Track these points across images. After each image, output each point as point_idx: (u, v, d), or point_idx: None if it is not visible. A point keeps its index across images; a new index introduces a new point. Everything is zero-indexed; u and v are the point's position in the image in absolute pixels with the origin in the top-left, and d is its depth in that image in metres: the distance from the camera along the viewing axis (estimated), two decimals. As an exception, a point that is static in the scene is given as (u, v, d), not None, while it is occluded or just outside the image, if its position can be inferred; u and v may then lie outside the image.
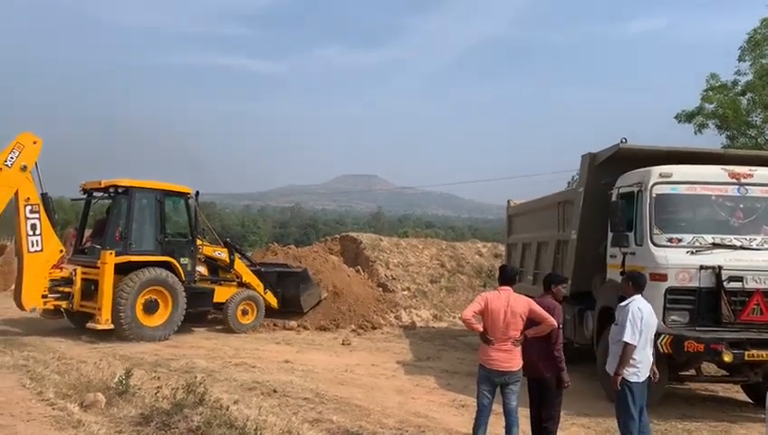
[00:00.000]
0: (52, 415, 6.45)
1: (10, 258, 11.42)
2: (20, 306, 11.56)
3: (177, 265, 12.71)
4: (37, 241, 11.44)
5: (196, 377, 7.64)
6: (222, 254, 14.40)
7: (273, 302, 15.25)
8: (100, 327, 11.48)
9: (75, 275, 11.93)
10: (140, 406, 6.65)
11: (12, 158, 11.20)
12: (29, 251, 11.35)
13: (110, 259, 11.66)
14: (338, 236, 22.73)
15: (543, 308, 5.82)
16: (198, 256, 13.71)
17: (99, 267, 11.75)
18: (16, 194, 11.32)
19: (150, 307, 12.12)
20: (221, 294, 14.06)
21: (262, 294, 14.87)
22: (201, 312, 14.27)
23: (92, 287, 11.87)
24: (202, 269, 14.05)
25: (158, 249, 12.61)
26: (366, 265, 19.56)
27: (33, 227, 11.40)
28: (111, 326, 11.56)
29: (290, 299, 15.35)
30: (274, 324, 14.88)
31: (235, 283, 14.52)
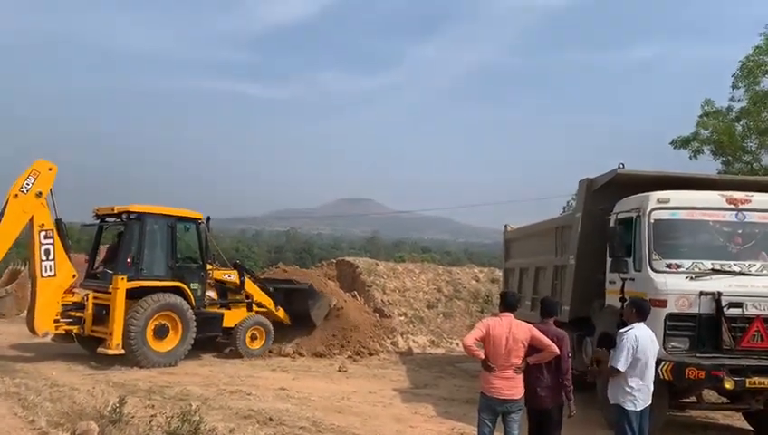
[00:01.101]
0: (43, 444, 6.33)
1: (24, 282, 11.46)
2: (32, 331, 11.63)
3: (188, 291, 12.78)
4: (50, 266, 11.52)
5: (190, 405, 7.54)
6: (232, 276, 14.47)
7: (286, 319, 15.40)
8: (110, 352, 11.49)
9: (87, 299, 12.03)
10: (134, 435, 6.53)
11: (28, 184, 11.31)
12: (42, 276, 11.43)
13: (121, 284, 11.71)
14: (334, 260, 22.62)
15: (551, 337, 5.76)
16: (209, 280, 13.81)
17: (110, 292, 11.81)
18: (31, 220, 11.42)
19: (161, 332, 12.16)
20: (230, 318, 14.08)
21: (274, 311, 15.04)
22: (211, 337, 14.26)
23: (104, 312, 11.91)
24: (212, 294, 14.13)
25: (168, 274, 12.69)
26: (362, 290, 19.42)
27: (47, 252, 11.49)
28: (122, 351, 11.59)
29: (300, 314, 15.45)
30: (270, 351, 14.75)
31: (244, 305, 14.59)
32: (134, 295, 11.99)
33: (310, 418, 8.33)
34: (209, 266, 13.85)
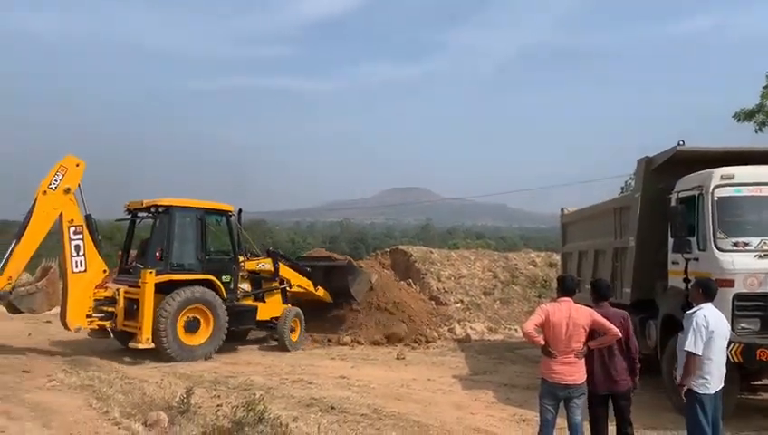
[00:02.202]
0: (117, 434, 6.59)
1: (54, 278, 11.59)
2: (65, 326, 11.70)
3: (219, 284, 12.64)
4: (81, 262, 11.59)
5: (254, 394, 7.70)
6: (266, 265, 14.34)
7: (327, 297, 15.45)
8: (140, 346, 11.47)
9: (118, 294, 12.00)
10: (202, 425, 6.71)
11: (56, 181, 11.43)
12: (73, 272, 11.51)
13: (150, 278, 11.64)
14: (388, 249, 22.70)
15: (616, 319, 5.68)
16: (241, 272, 13.64)
17: (140, 287, 11.75)
18: (61, 216, 11.51)
19: (192, 326, 12.07)
20: (265, 311, 13.97)
21: (314, 291, 15.07)
22: (244, 330, 14.32)
23: (135, 307, 11.86)
24: (246, 286, 13.94)
25: (199, 268, 12.57)
26: (417, 278, 19.45)
27: (77, 247, 11.56)
28: (152, 345, 11.55)
29: (340, 291, 15.44)
30: (329, 340, 14.95)
31: (279, 293, 14.46)
32: (165, 289, 11.90)
33: (370, 405, 8.41)
34: (241, 258, 13.63)
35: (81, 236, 11.62)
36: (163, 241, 12.36)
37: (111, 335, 12.34)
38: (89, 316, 11.69)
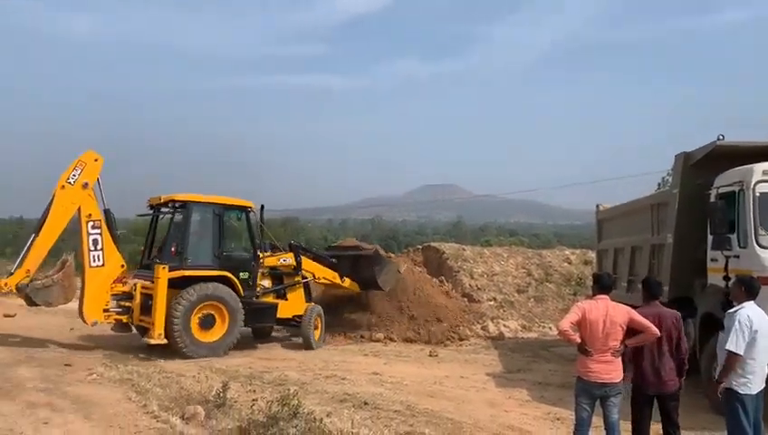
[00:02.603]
0: (156, 427, 6.73)
1: (70, 272, 11.70)
2: (83, 320, 11.77)
3: (235, 280, 12.39)
4: (99, 256, 11.60)
5: (289, 390, 7.78)
6: (287, 259, 13.96)
7: (355, 287, 15.17)
8: (152, 341, 11.40)
9: (135, 289, 11.92)
10: (238, 419, 6.81)
11: (74, 175, 11.52)
12: (90, 266, 11.55)
13: (162, 274, 11.50)
14: (420, 246, 22.67)
15: (668, 320, 5.60)
16: (262, 269, 13.41)
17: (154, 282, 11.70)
18: (79, 210, 11.59)
19: (207, 323, 11.88)
20: (286, 309, 13.70)
21: (340, 283, 14.83)
22: (265, 327, 14.20)
23: (151, 302, 11.73)
24: (266, 283, 13.70)
25: (215, 264, 12.34)
26: (449, 276, 19.37)
27: (95, 242, 11.58)
28: (165, 341, 11.46)
29: (367, 281, 15.09)
30: (362, 336, 14.99)
31: (301, 288, 14.16)
32: (181, 285, 11.76)
33: (404, 402, 8.43)
34: (262, 255, 13.32)
35: (99, 231, 11.63)
36: (179, 237, 12.36)
37: (133, 329, 12.44)
38: (106, 311, 11.70)
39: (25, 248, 11.54)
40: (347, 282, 15.05)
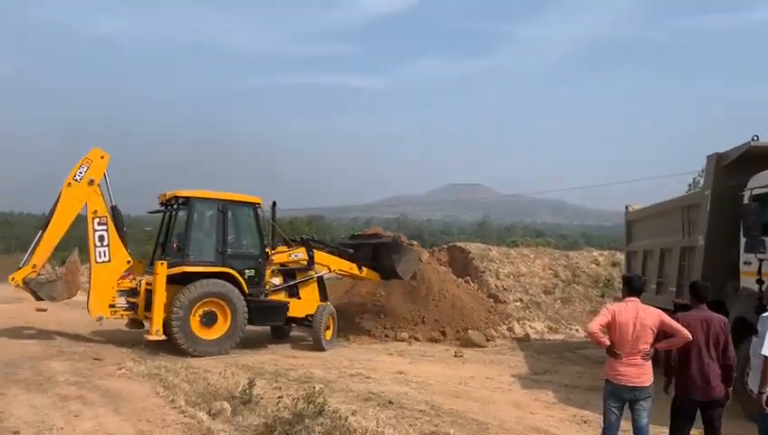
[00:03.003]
0: (183, 422, 6.79)
1: (73, 267, 11.87)
2: (90, 314, 11.86)
3: (239, 277, 12.17)
4: (105, 252, 11.68)
5: (314, 387, 7.81)
6: (299, 255, 13.61)
7: (374, 277, 14.85)
8: (150, 338, 11.42)
9: (140, 286, 11.92)
10: (263, 415, 6.85)
11: (81, 173, 11.66)
12: (97, 262, 11.65)
13: (161, 270, 11.44)
14: (445, 246, 22.62)
15: (716, 325, 5.47)
16: (272, 266, 13.17)
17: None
18: (87, 207, 11.74)
19: (209, 320, 11.74)
20: (298, 308, 13.35)
21: (358, 274, 14.50)
22: (282, 327, 13.92)
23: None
24: (276, 280, 13.39)
25: (218, 260, 12.14)
26: (475, 276, 19.31)
27: (101, 238, 11.67)
28: (163, 337, 11.42)
29: (387, 270, 14.65)
30: (386, 335, 14.99)
31: (314, 283, 13.81)
32: (184, 282, 11.67)
33: (428, 402, 8.41)
34: (270, 252, 13.08)
35: (105, 227, 11.74)
36: (182, 233, 12.28)
37: (145, 326, 12.38)
38: (112, 306, 11.77)
39: (33, 244, 11.80)
40: (365, 272, 14.62)
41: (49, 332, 12.80)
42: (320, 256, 13.96)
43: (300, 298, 13.51)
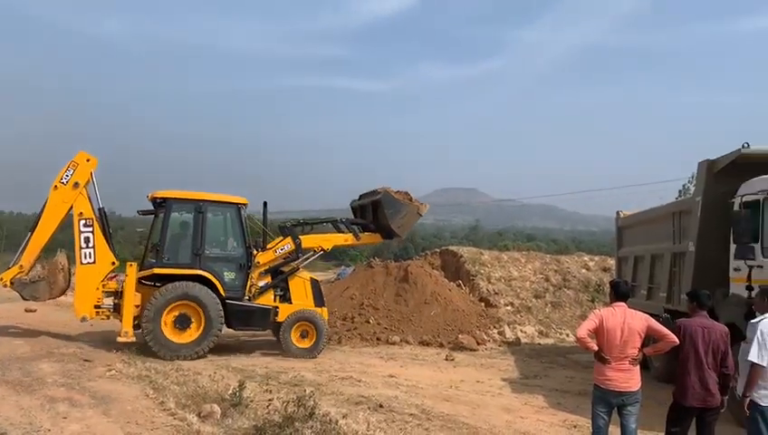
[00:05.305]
0: (173, 425, 6.77)
1: (55, 268, 11.96)
2: (76, 314, 11.90)
3: (214, 280, 11.89)
4: (90, 253, 11.78)
5: (305, 390, 7.80)
6: (286, 246, 12.97)
7: (375, 239, 14.14)
8: (119, 340, 11.40)
9: (122, 287, 11.83)
10: (253, 418, 6.84)
11: (67, 176, 11.83)
12: (82, 263, 11.76)
13: (130, 271, 11.54)
14: (437, 250, 22.66)
15: (716, 332, 5.52)
16: (260, 269, 12.72)
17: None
18: (73, 209, 11.87)
19: (182, 323, 11.57)
20: (288, 313, 12.66)
21: (357, 242, 13.83)
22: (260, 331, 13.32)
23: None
24: (263, 283, 12.78)
25: (194, 262, 11.89)
26: (467, 280, 19.35)
27: (87, 240, 11.78)
28: (133, 339, 11.40)
29: (386, 229, 13.58)
30: (378, 338, 14.97)
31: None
32: (163, 284, 11.61)
33: (419, 405, 8.41)
34: (256, 253, 12.64)
35: (91, 229, 11.84)
36: (158, 234, 12.22)
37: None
38: (98, 307, 11.80)
39: (22, 246, 11.98)
40: (363, 237, 13.82)
41: (38, 332, 12.71)
42: (308, 239, 13.38)
43: (291, 303, 12.94)
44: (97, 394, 8.03)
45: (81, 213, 11.85)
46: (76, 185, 11.86)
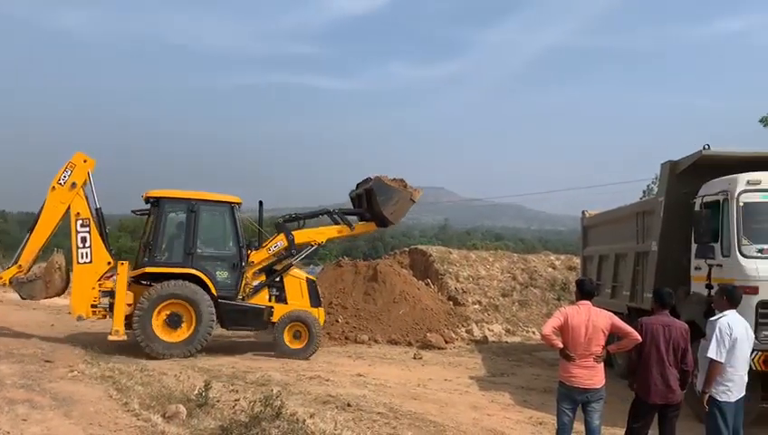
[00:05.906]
0: (137, 425, 6.65)
1: (51, 267, 12.00)
2: (72, 314, 12.01)
3: (207, 279, 11.88)
4: (86, 253, 11.85)
5: (272, 390, 7.75)
6: (279, 243, 12.91)
7: (368, 228, 14.02)
8: (111, 338, 11.47)
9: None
10: (219, 418, 6.78)
11: (65, 177, 11.90)
12: (78, 262, 11.86)
13: (121, 270, 11.58)
14: (406, 249, 22.71)
15: (677, 330, 5.60)
16: (255, 268, 12.69)
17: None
18: (70, 210, 11.93)
19: (173, 322, 11.59)
20: (282, 312, 12.63)
21: (352, 232, 13.83)
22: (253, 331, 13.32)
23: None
24: (258, 282, 12.76)
25: (186, 261, 11.91)
26: (435, 279, 19.43)
27: (84, 239, 11.87)
28: (124, 338, 11.50)
29: (379, 217, 13.44)
30: (346, 337, 14.95)
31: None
32: (156, 283, 11.70)
33: (387, 404, 8.42)
34: (250, 253, 12.60)
35: (87, 229, 11.92)
36: (150, 233, 12.25)
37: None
38: (94, 306, 11.83)
39: (21, 246, 12.16)
40: (359, 227, 13.81)
41: (-2, 332, 12.43)
42: (301, 234, 13.26)
43: (287, 303, 12.83)
44: (58, 396, 7.83)
45: (78, 213, 11.95)
46: (73, 185, 11.94)
